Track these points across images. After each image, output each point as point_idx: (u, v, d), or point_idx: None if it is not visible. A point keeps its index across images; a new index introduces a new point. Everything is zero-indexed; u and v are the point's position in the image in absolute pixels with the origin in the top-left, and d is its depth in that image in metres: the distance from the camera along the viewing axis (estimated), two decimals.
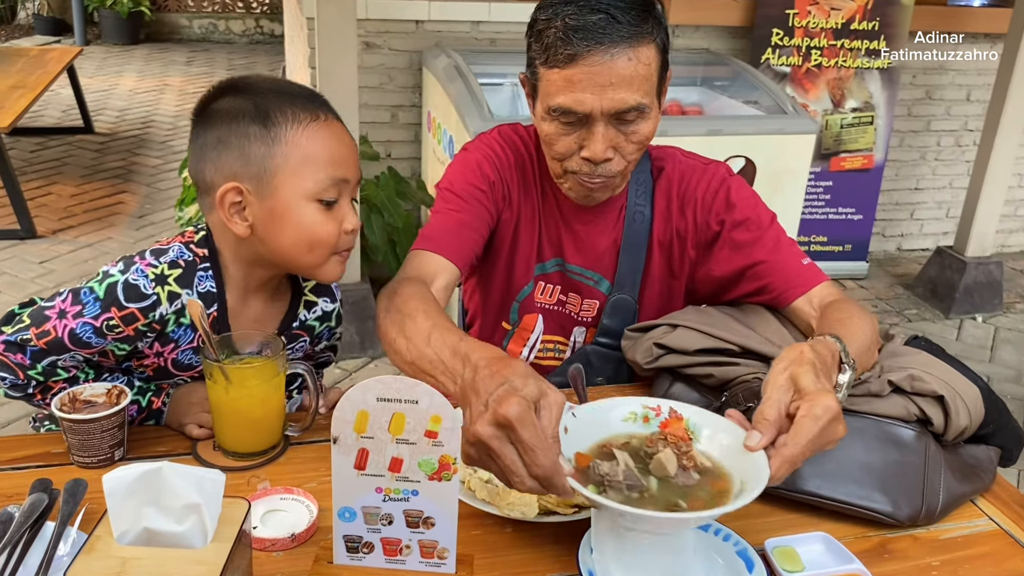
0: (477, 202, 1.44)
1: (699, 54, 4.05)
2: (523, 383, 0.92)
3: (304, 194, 1.21)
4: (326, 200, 1.22)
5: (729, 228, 1.47)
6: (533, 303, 1.56)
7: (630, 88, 1.28)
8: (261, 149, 1.20)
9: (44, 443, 1.23)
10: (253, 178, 1.21)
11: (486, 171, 1.46)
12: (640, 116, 1.31)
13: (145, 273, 1.22)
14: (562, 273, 1.54)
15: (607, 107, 1.28)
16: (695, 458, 1.02)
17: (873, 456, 1.18)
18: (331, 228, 1.24)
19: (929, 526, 1.16)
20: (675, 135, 3.29)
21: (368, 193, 3.47)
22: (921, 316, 4.18)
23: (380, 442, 0.90)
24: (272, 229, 1.23)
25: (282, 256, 1.26)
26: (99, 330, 1.21)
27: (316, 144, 1.21)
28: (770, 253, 1.44)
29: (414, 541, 0.95)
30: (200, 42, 9.95)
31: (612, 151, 1.34)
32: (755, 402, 1.26)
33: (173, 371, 1.33)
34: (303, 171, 1.21)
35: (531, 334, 1.57)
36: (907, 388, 1.21)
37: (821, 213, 4.33)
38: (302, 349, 1.43)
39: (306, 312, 1.39)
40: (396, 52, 3.77)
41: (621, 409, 1.09)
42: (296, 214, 1.22)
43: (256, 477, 1.16)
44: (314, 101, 1.25)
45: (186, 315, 1.25)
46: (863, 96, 4.21)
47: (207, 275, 1.27)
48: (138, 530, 0.89)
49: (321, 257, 1.26)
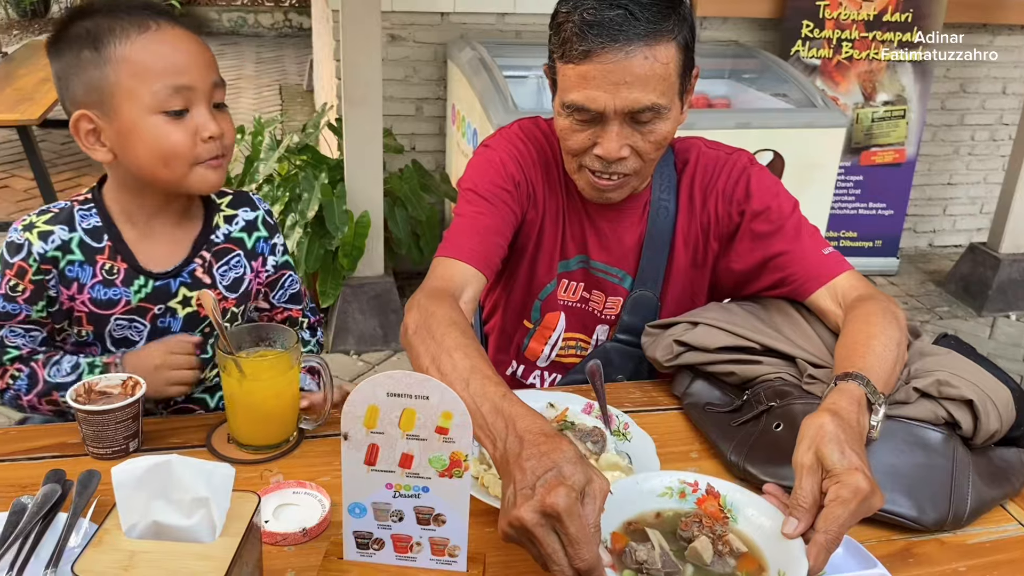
0: (503, 203, 1.40)
1: (727, 46, 4.00)
2: (572, 470, 0.87)
3: (145, 108, 1.21)
4: (172, 111, 1.22)
5: (749, 218, 1.43)
6: (556, 301, 1.53)
7: (645, 88, 1.24)
8: (96, 72, 1.21)
9: (60, 433, 1.23)
10: (96, 103, 1.22)
11: (511, 170, 1.42)
12: (657, 116, 1.28)
13: (16, 228, 1.28)
14: (586, 270, 1.51)
15: (620, 106, 1.25)
16: (730, 543, 0.99)
17: (899, 459, 1.15)
18: (181, 138, 1.23)
19: (956, 531, 1.12)
20: (702, 128, 3.23)
21: (392, 186, 3.46)
22: (953, 314, 4.11)
23: (390, 438, 0.89)
24: (128, 149, 1.24)
25: (145, 174, 1.26)
26: (7, 295, 1.28)
27: (147, 55, 1.21)
28: (790, 243, 1.41)
29: (425, 538, 0.93)
30: (229, 35, 10.01)
31: (627, 150, 1.30)
32: (776, 401, 1.24)
33: (96, 311, 1.32)
34: (138, 85, 1.20)
35: (553, 332, 1.55)
36: (934, 394, 1.18)
37: (851, 208, 4.27)
38: (240, 265, 1.40)
39: (228, 226, 1.40)
40: (421, 45, 3.75)
41: (657, 483, 1.07)
42: (142, 130, 1.22)
43: (269, 470, 1.15)
44: (145, 13, 1.23)
45: (73, 250, 1.29)
46: (895, 89, 4.13)
47: (90, 213, 1.31)
48: (147, 523, 0.88)
49: (181, 169, 1.25)
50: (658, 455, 1.20)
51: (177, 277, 1.35)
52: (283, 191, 3.29)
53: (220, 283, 1.38)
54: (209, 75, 1.25)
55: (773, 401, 1.25)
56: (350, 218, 3.21)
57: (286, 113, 6.57)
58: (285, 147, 3.45)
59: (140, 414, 1.19)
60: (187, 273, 1.35)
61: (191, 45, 1.24)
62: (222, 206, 1.41)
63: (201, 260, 1.37)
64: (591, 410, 1.30)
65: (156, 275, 1.33)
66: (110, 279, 1.30)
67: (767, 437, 1.21)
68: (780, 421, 1.22)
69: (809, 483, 0.99)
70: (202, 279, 1.37)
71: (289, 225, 3.22)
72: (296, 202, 3.24)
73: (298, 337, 1.20)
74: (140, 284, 1.32)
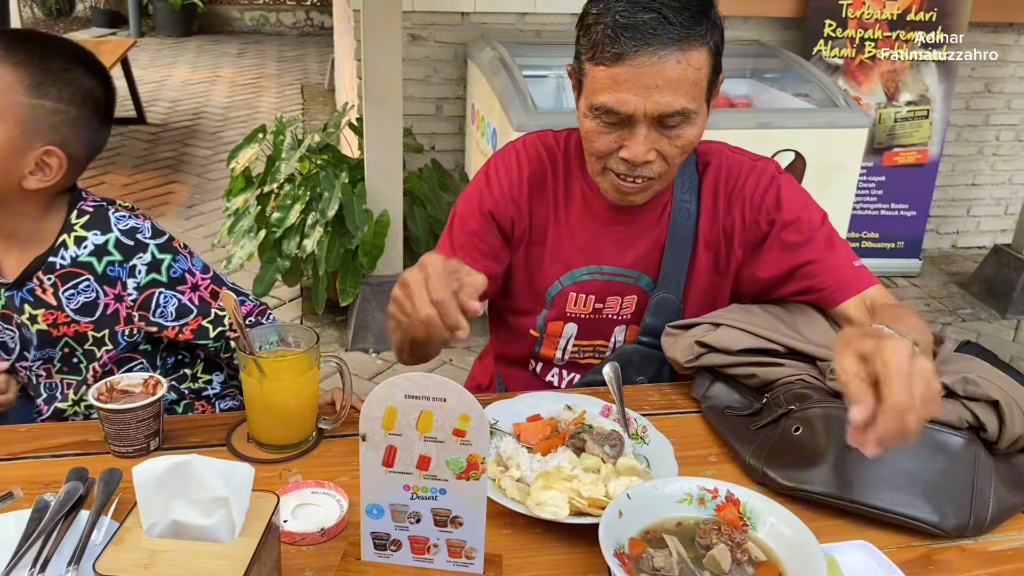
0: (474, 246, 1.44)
1: (749, 46, 3.98)
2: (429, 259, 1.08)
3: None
4: None
5: (779, 228, 1.42)
6: (563, 313, 1.51)
7: (676, 92, 1.24)
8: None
9: (83, 431, 1.24)
10: None
11: (495, 204, 1.45)
12: (685, 121, 1.27)
13: None
14: (598, 280, 1.49)
15: (651, 110, 1.24)
16: (749, 551, 0.99)
17: (919, 463, 1.14)
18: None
19: (977, 537, 1.11)
20: (724, 128, 3.24)
21: (411, 185, 3.47)
22: (976, 316, 4.07)
23: (408, 439, 0.89)
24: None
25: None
26: None
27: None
28: (820, 253, 1.40)
29: (442, 540, 0.94)
30: (251, 34, 10.08)
31: (653, 153, 1.30)
32: (796, 404, 1.23)
33: None
34: None
35: (560, 338, 1.54)
36: (960, 392, 1.17)
37: (873, 209, 4.23)
38: (91, 289, 1.37)
39: (76, 249, 1.35)
40: (441, 44, 3.76)
41: (676, 489, 1.07)
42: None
43: (288, 470, 1.16)
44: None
45: None
46: (919, 89, 4.09)
47: None
48: (167, 522, 0.89)
49: None
50: (676, 459, 1.19)
51: (18, 291, 1.36)
52: (304, 190, 3.30)
53: (67, 306, 1.36)
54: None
55: (792, 404, 1.24)
56: (370, 217, 3.22)
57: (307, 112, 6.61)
58: (306, 147, 3.46)
59: (161, 413, 1.20)
60: (26, 291, 1.36)
61: None
62: (76, 227, 1.36)
63: (38, 281, 1.36)
64: (609, 413, 1.30)
65: (5, 284, 1.36)
66: None
67: (786, 441, 1.21)
68: (799, 425, 1.21)
69: (855, 370, 0.99)
70: (46, 300, 1.36)
71: (310, 224, 3.23)
72: (317, 201, 3.26)
73: (317, 338, 1.20)
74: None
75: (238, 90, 7.46)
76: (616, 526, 0.99)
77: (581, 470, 1.13)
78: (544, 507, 1.05)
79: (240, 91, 7.43)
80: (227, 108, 6.81)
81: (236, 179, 3.56)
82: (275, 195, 3.44)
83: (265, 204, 3.42)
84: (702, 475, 1.17)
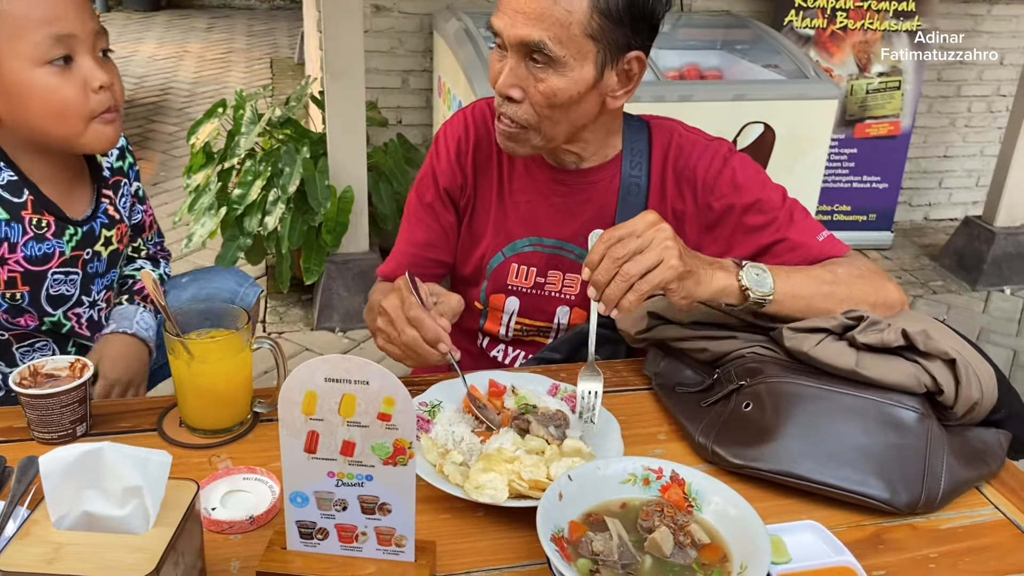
0: (431, 215, 1.50)
1: (719, 16, 3.92)
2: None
3: (27, 62, 1.17)
4: (55, 61, 1.18)
5: (740, 212, 1.39)
6: (504, 285, 1.49)
7: (537, 24, 1.23)
8: None
9: (6, 417, 1.19)
10: None
11: (440, 176, 1.49)
12: (550, 64, 1.25)
13: None
14: (538, 252, 1.47)
15: (512, 36, 1.25)
16: (692, 534, 0.95)
17: (871, 439, 1.11)
18: (73, 90, 1.20)
19: (929, 515, 1.09)
20: (695, 100, 3.20)
21: (376, 160, 3.41)
22: (947, 288, 4.07)
23: (330, 424, 0.85)
24: (16, 109, 1.20)
25: (39, 132, 1.23)
26: None
27: (21, 6, 1.16)
28: (785, 232, 1.38)
29: (370, 528, 0.90)
30: (220, 8, 9.89)
31: (518, 91, 1.29)
32: (747, 380, 1.20)
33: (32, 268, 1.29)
34: (16, 39, 1.16)
35: (502, 313, 1.52)
36: (920, 345, 1.14)
37: (845, 182, 4.21)
38: (128, 193, 1.44)
39: (107, 158, 1.41)
40: (406, 15, 3.68)
41: (620, 470, 1.03)
42: (28, 85, 1.18)
43: (216, 456, 1.12)
44: None
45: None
46: (890, 60, 4.06)
47: (1, 167, 1.26)
48: (77, 514, 0.85)
49: (77, 125, 1.22)
50: (625, 437, 1.16)
51: (96, 219, 1.35)
52: (265, 166, 3.23)
53: (124, 216, 1.41)
54: (89, 21, 1.20)
55: (744, 380, 1.21)
56: (333, 193, 3.15)
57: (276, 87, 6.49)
58: (266, 120, 3.38)
59: (88, 397, 1.15)
60: (102, 213, 1.37)
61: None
62: None
63: (107, 198, 1.38)
64: (556, 392, 1.26)
65: (79, 222, 1.33)
66: (40, 233, 1.28)
67: (736, 417, 1.17)
68: (750, 400, 1.18)
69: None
70: (114, 216, 1.39)
71: (271, 201, 3.16)
72: (278, 177, 3.19)
73: (249, 317, 1.15)
74: (71, 234, 1.31)
75: (206, 65, 7.32)
76: (556, 509, 0.96)
77: (524, 452, 1.09)
78: (482, 490, 1.01)
79: (208, 66, 7.29)
80: (195, 84, 6.68)
81: (196, 155, 3.48)
82: (236, 171, 3.36)
83: (226, 181, 3.35)
84: (650, 454, 1.14)
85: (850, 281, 1.30)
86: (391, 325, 1.21)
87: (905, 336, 1.16)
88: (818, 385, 1.16)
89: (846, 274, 1.31)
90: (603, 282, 1.12)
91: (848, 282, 1.29)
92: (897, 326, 1.17)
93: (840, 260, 1.36)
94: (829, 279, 1.28)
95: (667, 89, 3.18)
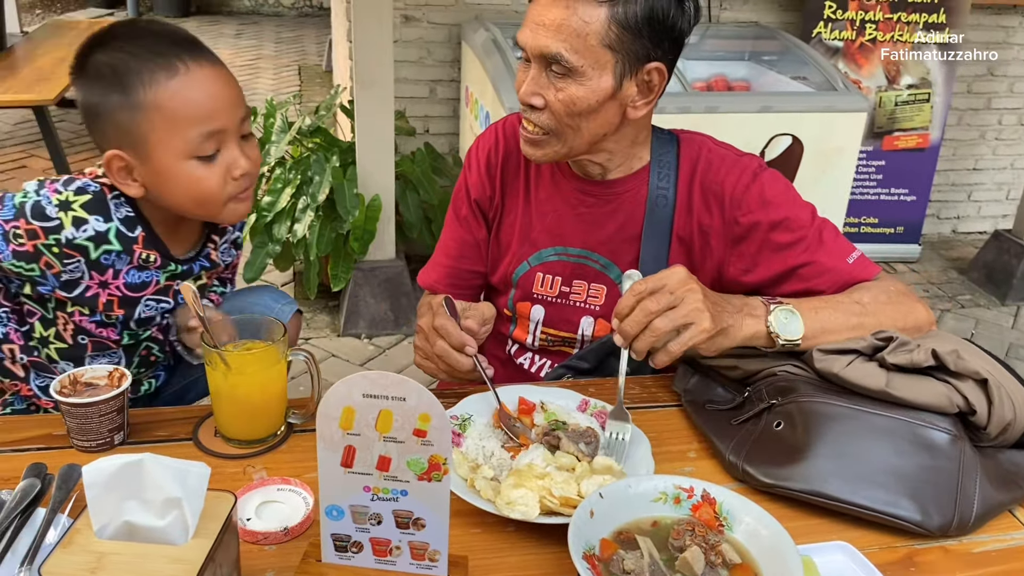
0: (467, 226, 1.55)
1: (747, 27, 3.91)
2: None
3: (178, 154, 1.20)
4: (204, 156, 1.21)
5: (767, 229, 1.38)
6: (529, 293, 1.51)
7: (556, 36, 1.26)
8: (126, 116, 1.19)
9: (46, 425, 1.21)
10: (130, 145, 1.21)
11: (472, 188, 1.54)
12: (568, 74, 1.28)
13: (50, 198, 1.25)
14: (563, 261, 1.48)
15: (533, 47, 1.29)
16: (723, 553, 0.96)
17: (903, 460, 1.11)
18: (215, 181, 1.23)
19: (961, 537, 1.08)
20: (722, 112, 3.19)
21: (404, 169, 3.43)
22: (975, 302, 4.02)
23: (367, 439, 0.86)
24: (161, 189, 1.25)
25: (180, 211, 1.28)
26: (6, 235, 1.25)
27: (177, 102, 1.19)
28: (814, 254, 1.37)
29: (404, 542, 0.91)
30: (249, 15, 9.98)
31: (540, 99, 1.32)
32: (778, 398, 1.20)
33: (129, 294, 1.34)
34: (171, 133, 1.19)
35: (529, 321, 1.54)
36: (951, 365, 1.14)
37: (872, 194, 4.18)
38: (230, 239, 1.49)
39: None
40: (435, 26, 3.70)
41: (651, 488, 1.04)
42: (176, 174, 1.22)
43: (252, 467, 1.13)
44: (172, 52, 1.20)
45: (111, 240, 1.28)
46: (920, 72, 4.03)
47: (121, 202, 1.29)
48: (118, 523, 0.87)
49: (215, 208, 1.26)
50: (655, 455, 1.16)
51: (197, 261, 1.40)
52: (295, 174, 3.26)
53: (221, 260, 1.46)
54: (238, 112, 1.24)
55: (775, 398, 1.21)
56: (361, 201, 3.18)
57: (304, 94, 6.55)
58: (296, 129, 3.42)
59: (125, 406, 1.17)
60: (204, 256, 1.42)
61: (219, 84, 1.23)
62: None
63: (213, 243, 1.43)
64: (587, 407, 1.26)
65: (182, 260, 1.38)
66: (145, 265, 1.33)
67: (767, 436, 1.18)
68: (781, 420, 1.18)
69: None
70: (214, 261, 1.44)
71: (300, 208, 3.19)
72: (307, 185, 3.22)
73: (284, 330, 1.17)
74: (171, 269, 1.36)
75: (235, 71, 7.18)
76: (587, 527, 0.96)
77: (555, 468, 1.10)
78: (514, 506, 1.02)
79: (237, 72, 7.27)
80: None
81: None
82: (266, 178, 3.40)
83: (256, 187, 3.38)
84: (681, 472, 1.15)
85: (878, 310, 1.29)
86: (425, 340, 1.31)
87: (935, 356, 1.15)
88: (850, 405, 1.15)
89: (874, 301, 1.31)
90: (631, 334, 1.17)
91: (876, 311, 1.29)
92: (927, 346, 1.16)
93: (868, 285, 1.35)
94: (858, 311, 1.28)
95: (693, 100, 3.17)
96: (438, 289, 1.58)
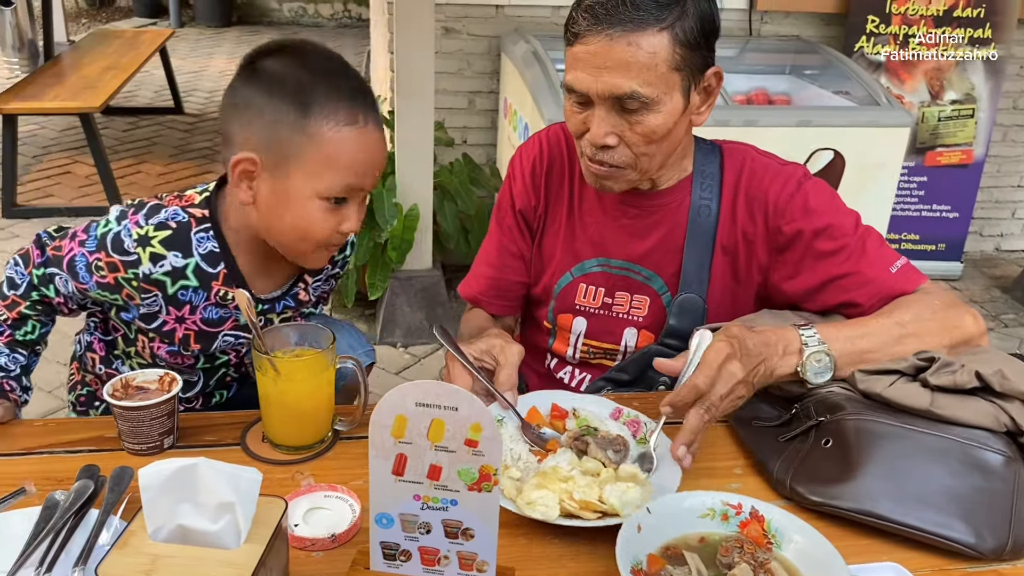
0: (509, 234, 1.55)
1: (789, 41, 3.89)
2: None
3: (314, 191, 1.21)
4: (333, 200, 1.22)
5: (810, 237, 1.37)
6: (572, 305, 1.51)
7: (626, 74, 1.23)
8: (290, 134, 1.19)
9: (98, 427, 1.23)
10: (272, 157, 1.20)
11: (516, 198, 1.53)
12: (644, 107, 1.26)
13: (130, 231, 1.25)
14: (606, 273, 1.48)
15: (601, 90, 1.25)
16: (772, 571, 0.95)
17: (955, 481, 1.09)
18: (326, 227, 1.24)
19: (1016, 562, 1.06)
20: (762, 125, 3.18)
21: (442, 179, 3.45)
22: (1019, 321, 3.95)
23: (419, 448, 0.87)
24: (273, 209, 1.23)
25: (272, 234, 1.27)
26: (89, 265, 1.26)
27: (345, 149, 1.19)
28: (856, 263, 1.35)
29: (453, 552, 0.91)
30: (289, 25, 10.11)
31: (614, 138, 1.30)
32: (827, 416, 1.19)
33: (206, 329, 1.34)
34: (322, 171, 1.19)
35: (570, 333, 1.53)
36: (996, 386, 1.12)
37: (914, 210, 4.13)
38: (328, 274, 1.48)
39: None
40: (475, 37, 3.73)
41: (699, 504, 1.03)
42: (300, 206, 1.21)
43: (300, 473, 1.14)
44: (359, 101, 1.21)
45: (188, 276, 1.28)
46: (964, 88, 3.98)
47: (208, 235, 1.28)
48: (172, 526, 0.88)
49: (309, 248, 1.27)
50: (701, 470, 1.15)
51: (283, 300, 1.39)
52: None
53: (312, 296, 1.45)
54: (376, 180, 1.26)
55: (823, 416, 1.19)
56: (399, 211, 3.20)
57: None
58: None
59: (176, 410, 1.18)
60: (291, 296, 1.40)
61: (379, 150, 1.25)
62: None
63: (304, 282, 1.42)
64: (620, 416, 1.26)
65: (264, 300, 1.37)
66: (224, 303, 1.32)
67: (815, 454, 1.16)
68: (830, 437, 1.16)
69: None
70: (302, 300, 1.42)
71: None
72: None
73: (334, 338, 1.18)
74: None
75: None
76: (635, 541, 0.96)
77: (579, 472, 1.10)
78: (534, 506, 1.03)
79: None
80: None
81: None
82: None
83: None
84: (727, 488, 1.13)
85: (920, 329, 1.26)
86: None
87: (979, 378, 1.13)
88: (900, 424, 1.14)
89: (916, 319, 1.27)
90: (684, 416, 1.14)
91: (919, 331, 1.26)
92: (971, 367, 1.14)
93: (912, 300, 1.31)
94: (897, 333, 1.25)
95: (732, 114, 3.16)
96: (481, 301, 1.58)
